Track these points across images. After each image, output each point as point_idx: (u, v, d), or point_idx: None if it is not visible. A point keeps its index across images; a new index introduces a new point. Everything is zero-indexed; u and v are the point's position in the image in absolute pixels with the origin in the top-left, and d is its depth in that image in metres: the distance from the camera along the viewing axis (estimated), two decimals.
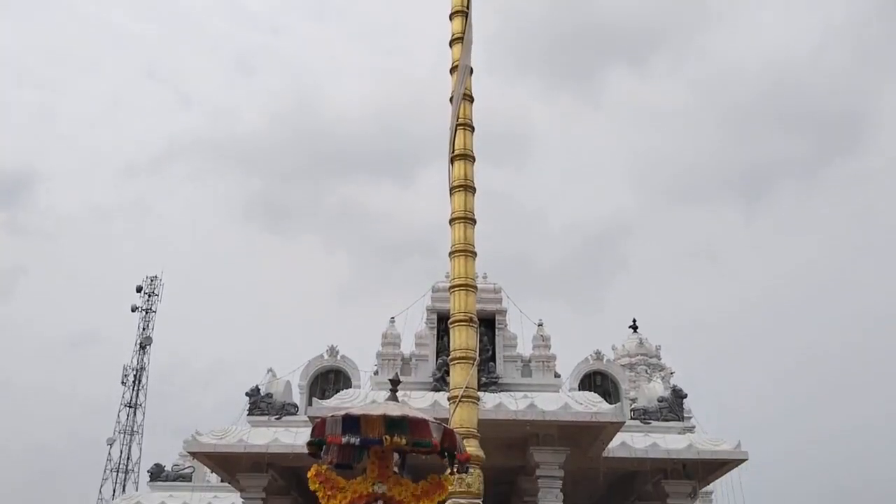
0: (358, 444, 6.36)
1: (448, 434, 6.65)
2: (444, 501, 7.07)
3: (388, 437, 6.39)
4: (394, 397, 7.60)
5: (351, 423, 6.50)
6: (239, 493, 21.11)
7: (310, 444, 6.74)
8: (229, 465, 20.43)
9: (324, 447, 6.63)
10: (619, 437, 18.24)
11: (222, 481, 23.19)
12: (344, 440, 6.36)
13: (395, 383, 7.87)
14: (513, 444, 18.19)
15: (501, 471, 19.28)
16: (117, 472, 70.32)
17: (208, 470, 22.55)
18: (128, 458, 71.16)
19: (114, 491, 65.54)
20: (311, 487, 6.65)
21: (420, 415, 6.83)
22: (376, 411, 6.69)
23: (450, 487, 6.93)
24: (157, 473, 27.17)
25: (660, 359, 33.36)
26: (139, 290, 75.96)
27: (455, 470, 6.98)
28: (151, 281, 76.68)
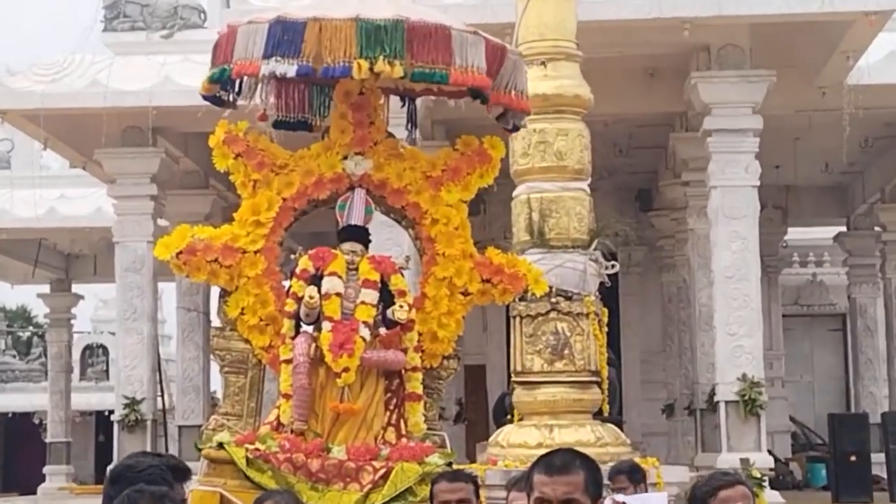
0: (297, 75, 2.84)
1: (494, 52, 3.13)
2: (491, 187, 3.61)
3: (361, 61, 2.86)
4: None
5: (285, 33, 2.93)
6: None
7: (208, 80, 3.23)
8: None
9: (230, 85, 3.14)
10: None
11: None
12: (265, 69, 2.83)
13: None
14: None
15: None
16: None
17: None
18: None
19: None
20: (219, 167, 3.31)
21: (430, 15, 3.24)
22: (340, 8, 3.10)
23: (518, 163, 3.53)
24: None
25: None
26: None
27: (510, 128, 3.51)
28: None
